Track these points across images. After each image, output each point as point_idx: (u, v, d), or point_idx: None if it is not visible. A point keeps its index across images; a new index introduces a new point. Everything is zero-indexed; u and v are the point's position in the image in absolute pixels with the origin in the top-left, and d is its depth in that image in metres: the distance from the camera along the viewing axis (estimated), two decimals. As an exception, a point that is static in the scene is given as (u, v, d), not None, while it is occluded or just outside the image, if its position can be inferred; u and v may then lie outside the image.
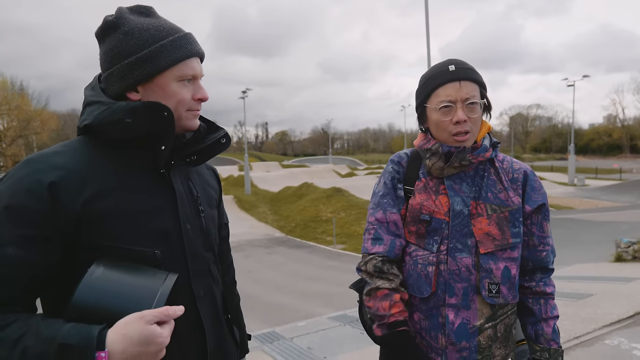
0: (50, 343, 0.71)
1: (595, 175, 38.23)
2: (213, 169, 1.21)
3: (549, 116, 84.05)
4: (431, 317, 1.27)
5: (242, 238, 15.62)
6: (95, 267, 0.79)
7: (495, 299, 1.24)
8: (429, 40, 12.81)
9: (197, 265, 0.98)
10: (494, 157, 1.31)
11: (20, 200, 0.79)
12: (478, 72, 1.28)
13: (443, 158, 1.27)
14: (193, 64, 0.95)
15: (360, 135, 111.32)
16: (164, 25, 0.93)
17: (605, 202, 21.87)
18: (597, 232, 12.23)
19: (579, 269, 7.00)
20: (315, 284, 9.36)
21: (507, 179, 1.30)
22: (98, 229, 0.83)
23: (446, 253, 1.25)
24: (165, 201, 0.93)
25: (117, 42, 0.89)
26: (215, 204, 1.15)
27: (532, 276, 1.33)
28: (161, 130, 0.89)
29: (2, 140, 31.96)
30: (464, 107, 1.22)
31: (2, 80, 32.03)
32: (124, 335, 0.73)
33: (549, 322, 1.31)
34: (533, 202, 1.30)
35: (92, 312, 0.74)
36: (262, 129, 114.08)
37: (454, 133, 1.24)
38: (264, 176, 34.42)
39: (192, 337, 0.96)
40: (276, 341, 4.04)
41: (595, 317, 3.99)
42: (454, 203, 1.26)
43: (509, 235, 1.25)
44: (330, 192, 20.19)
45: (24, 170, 0.82)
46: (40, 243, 0.79)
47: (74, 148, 0.88)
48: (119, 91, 0.91)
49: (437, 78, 1.25)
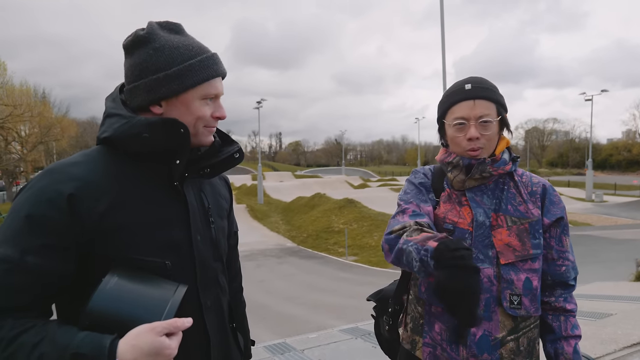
0: (64, 351, 0.74)
1: (614, 192, 37.36)
2: (225, 178, 1.24)
3: (566, 130, 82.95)
4: (452, 329, 1.26)
5: (254, 247, 15.65)
6: (109, 277, 0.81)
7: (517, 310, 1.23)
8: (444, 56, 12.83)
9: (206, 276, 1.01)
10: (513, 171, 1.33)
11: (41, 210, 0.81)
12: (496, 91, 1.30)
13: (464, 170, 1.30)
14: (217, 83, 0.98)
15: (373, 147, 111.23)
16: (192, 44, 0.96)
17: (625, 220, 21.32)
18: (616, 250, 11.92)
19: (598, 287, 6.82)
20: (327, 296, 9.29)
21: (526, 192, 1.32)
22: (112, 239, 0.86)
23: None
24: (178, 213, 0.96)
25: (147, 56, 0.92)
26: (226, 214, 1.17)
27: (552, 291, 1.32)
28: (177, 146, 0.92)
29: (23, 146, 32.85)
30: (477, 125, 1.26)
31: (26, 88, 33.04)
32: (134, 346, 0.75)
33: (570, 340, 1.29)
34: (552, 215, 1.31)
35: (106, 320, 0.77)
36: (275, 139, 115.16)
37: (468, 149, 1.28)
38: (277, 186, 34.56)
39: (198, 347, 0.98)
40: (287, 352, 4.01)
41: (616, 337, 3.86)
42: (477, 214, 1.28)
43: (529, 246, 1.26)
44: (343, 203, 20.15)
45: (44, 180, 0.85)
46: (58, 252, 0.82)
47: (92, 158, 0.91)
48: (143, 104, 0.94)
49: (453, 96, 1.30)
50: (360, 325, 4.85)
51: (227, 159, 1.05)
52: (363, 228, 17.02)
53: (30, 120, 31.35)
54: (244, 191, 30.87)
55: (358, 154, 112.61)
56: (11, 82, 31.25)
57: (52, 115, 35.98)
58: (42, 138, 33.15)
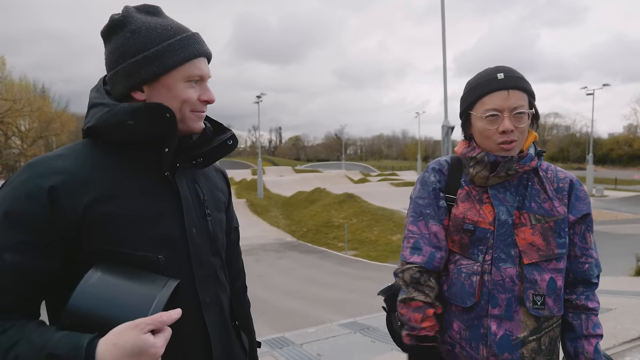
0: (39, 352, 0.70)
1: (614, 186, 37.32)
2: (222, 171, 1.18)
3: (567, 125, 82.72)
4: (472, 328, 1.24)
5: (253, 242, 15.67)
6: (92, 272, 0.76)
7: (540, 310, 1.21)
8: (445, 51, 12.76)
9: (203, 271, 0.95)
10: (538, 166, 1.29)
11: (20, 205, 0.77)
12: (527, 81, 1.25)
13: (488, 167, 1.25)
14: (200, 64, 0.92)
15: (373, 142, 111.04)
16: (171, 24, 0.91)
17: (625, 214, 21.30)
18: (617, 245, 11.91)
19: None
20: (326, 290, 9.31)
21: (552, 189, 1.27)
22: (100, 233, 0.82)
23: (490, 263, 1.23)
24: (170, 205, 0.91)
25: (124, 40, 0.87)
26: (224, 207, 1.12)
27: (574, 289, 1.29)
28: (164, 132, 0.87)
29: (23, 141, 32.83)
30: (511, 117, 1.20)
31: (26, 82, 32.98)
32: (115, 344, 0.70)
33: (591, 340, 1.26)
34: (577, 211, 1.27)
35: (86, 319, 0.72)
36: (275, 133, 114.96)
37: (500, 142, 1.22)
38: (277, 180, 34.56)
39: (197, 345, 0.93)
40: (286, 347, 4.01)
41: (615, 332, 3.86)
42: (499, 212, 1.24)
43: (554, 245, 1.22)
44: (343, 197, 20.15)
45: (24, 174, 0.81)
46: (39, 249, 0.78)
47: (77, 151, 0.87)
48: (123, 90, 0.89)
49: (484, 86, 1.23)
50: (359, 320, 4.85)
51: (219, 146, 0.99)
52: (363, 223, 17.02)
53: (30, 114, 31.30)
54: (244, 186, 30.86)
55: (358, 149, 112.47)
56: (10, 76, 31.22)
57: (52, 110, 35.91)
58: (41, 133, 33.12)
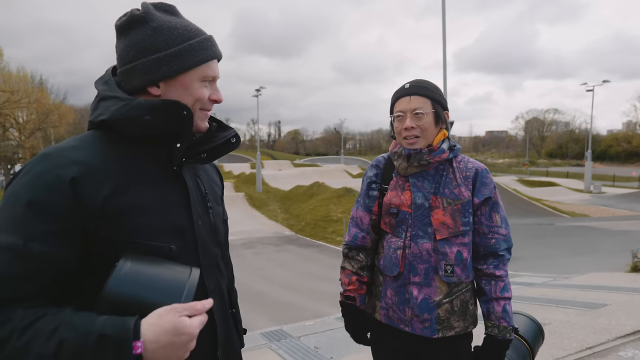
0: (87, 334, 0.72)
1: (612, 183, 37.41)
2: (215, 165, 1.23)
3: (566, 121, 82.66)
4: (399, 294, 1.51)
5: (252, 235, 15.71)
6: (123, 262, 0.80)
7: (450, 277, 1.47)
8: (445, 47, 12.72)
9: (208, 260, 1.01)
10: (452, 158, 1.53)
11: (42, 195, 0.79)
12: (432, 90, 1.52)
13: (405, 159, 1.52)
14: (214, 66, 0.97)
15: (372, 136, 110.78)
16: (190, 26, 0.95)
17: (622, 211, 21.39)
18: (613, 241, 11.97)
19: (593, 278, 6.86)
20: (324, 284, 9.36)
21: (461, 177, 1.52)
22: (117, 224, 0.84)
23: (410, 239, 1.49)
24: (179, 197, 0.95)
25: (145, 36, 0.90)
26: (220, 200, 1.17)
27: (485, 260, 1.53)
28: (178, 128, 0.90)
29: (21, 133, 32.68)
30: (412, 117, 1.48)
31: (23, 74, 32.73)
32: (157, 325, 0.75)
33: (500, 301, 1.50)
34: (481, 195, 1.51)
35: (125, 303, 0.77)
36: (274, 127, 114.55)
37: (404, 136, 1.51)
38: (276, 174, 34.54)
39: (205, 330, 0.97)
40: (283, 339, 4.05)
41: (609, 328, 3.90)
42: (416, 197, 1.50)
43: (460, 224, 1.48)
44: (341, 192, 20.17)
45: (42, 164, 0.82)
46: (63, 238, 0.80)
47: (90, 143, 0.89)
48: (140, 85, 0.91)
49: (396, 94, 1.55)
50: (357, 313, 4.88)
51: (224, 144, 1.04)
52: (361, 217, 17.03)
53: (28, 106, 31.13)
54: (243, 179, 30.84)
55: (357, 143, 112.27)
56: (8, 68, 30.98)
57: (50, 102, 35.69)
58: (39, 124, 32.95)
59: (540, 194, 27.69)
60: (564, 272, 8.01)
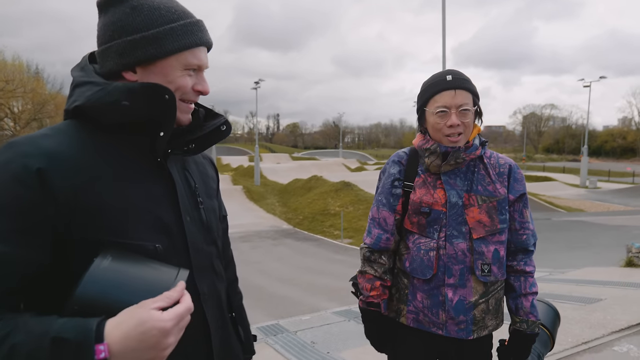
0: (42, 338, 0.64)
1: (607, 178, 37.57)
2: (210, 158, 1.14)
3: (563, 117, 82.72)
4: (432, 296, 1.45)
5: (249, 229, 15.70)
6: (101, 259, 0.72)
7: (487, 277, 1.43)
8: (444, 43, 12.67)
9: (200, 261, 0.92)
10: (482, 154, 1.49)
11: (6, 187, 0.71)
12: (472, 83, 1.44)
13: (440, 157, 1.44)
14: (200, 53, 0.88)
15: (371, 130, 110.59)
16: (175, 7, 0.86)
17: (617, 206, 21.51)
18: (608, 236, 12.03)
19: (589, 272, 6.90)
20: (321, 278, 9.38)
21: (495, 173, 1.48)
22: (93, 221, 0.76)
23: (444, 239, 1.43)
24: (164, 191, 0.87)
25: (122, 15, 0.82)
26: (215, 194, 1.07)
27: (515, 257, 1.50)
28: (160, 115, 0.82)
29: (16, 123, 32.40)
30: (457, 113, 1.39)
31: (19, 63, 32.39)
32: (121, 323, 0.66)
33: (528, 297, 1.48)
34: (516, 191, 1.48)
35: (96, 305, 0.68)
36: (273, 120, 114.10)
37: (447, 134, 1.42)
38: (274, 168, 34.47)
39: (197, 337, 0.91)
40: (280, 334, 4.05)
41: (605, 322, 3.93)
42: (450, 196, 1.44)
43: (497, 221, 1.43)
44: (339, 186, 20.16)
45: (7, 154, 0.74)
46: (27, 237, 0.71)
47: (63, 132, 0.80)
48: (115, 68, 0.84)
49: (435, 86, 1.43)
50: (353, 308, 4.89)
51: (213, 132, 0.96)
52: (359, 211, 17.06)
53: (23, 96, 30.84)
54: (241, 172, 30.76)
55: (356, 137, 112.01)
56: (3, 56, 30.65)
57: (46, 92, 35.37)
58: (35, 115, 32.66)
59: (537, 188, 27.78)
60: (560, 267, 8.06)
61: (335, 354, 3.48)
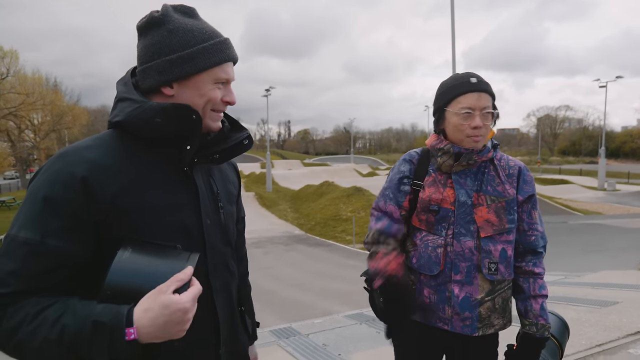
0: (85, 320, 0.77)
1: (627, 180, 36.71)
2: (233, 164, 1.25)
3: (579, 118, 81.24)
4: (439, 292, 1.47)
5: (262, 235, 15.79)
6: (123, 251, 0.84)
7: (494, 275, 1.45)
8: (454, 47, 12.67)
9: (215, 259, 1.02)
10: (493, 156, 1.52)
11: (57, 192, 0.83)
12: (492, 87, 1.48)
13: (453, 157, 1.47)
14: (228, 68, 0.99)
15: (382, 135, 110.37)
16: (206, 28, 0.97)
17: (637, 209, 20.98)
18: (627, 239, 11.77)
19: (606, 275, 6.77)
20: (333, 282, 9.38)
21: (504, 174, 1.50)
22: (125, 221, 0.88)
23: (452, 237, 1.46)
24: (188, 197, 0.98)
25: (161, 38, 0.93)
26: (235, 199, 1.19)
27: (523, 258, 1.51)
28: (188, 131, 0.93)
29: (36, 134, 33.31)
30: (481, 115, 1.42)
31: (38, 76, 33.36)
32: (147, 309, 0.77)
33: (537, 299, 1.48)
34: (524, 192, 1.50)
35: (124, 291, 0.80)
36: (284, 127, 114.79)
37: (470, 135, 1.43)
38: (286, 174, 34.63)
39: (207, 327, 1.01)
40: (292, 337, 4.09)
41: (620, 325, 3.87)
42: (459, 195, 1.47)
43: (505, 221, 1.45)
44: (351, 191, 20.15)
45: (58, 163, 0.86)
46: (77, 233, 0.84)
47: (104, 142, 0.92)
48: (154, 85, 0.94)
49: (459, 87, 1.44)
50: (365, 311, 4.90)
51: (236, 145, 1.06)
52: (371, 216, 17.00)
53: (43, 108, 31.71)
54: (253, 179, 31.00)
55: (367, 142, 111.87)
56: (24, 70, 31.60)
57: (64, 104, 36.35)
58: (54, 126, 33.56)
59: (553, 192, 27.32)
60: (576, 270, 7.92)
61: (347, 357, 3.50)
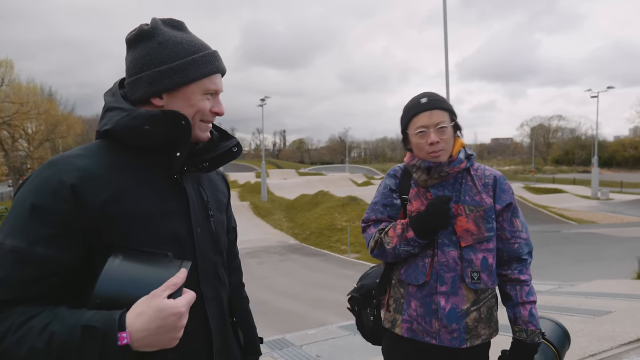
0: (75, 327, 0.75)
1: (620, 189, 37.03)
2: (222, 174, 1.25)
3: (572, 128, 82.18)
4: (425, 305, 1.49)
5: (256, 244, 15.72)
6: (113, 259, 0.83)
7: (477, 284, 1.47)
8: (447, 59, 12.82)
9: (206, 268, 1.02)
10: (469, 166, 1.55)
11: (46, 199, 0.82)
12: (446, 102, 1.54)
13: (425, 172, 1.52)
14: (217, 80, 1.01)
15: (377, 145, 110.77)
16: (195, 40, 0.99)
17: (631, 217, 21.16)
18: (621, 248, 11.83)
19: (599, 285, 6.79)
20: (328, 292, 9.33)
21: (481, 184, 1.54)
22: (114, 229, 0.87)
23: (437, 247, 1.49)
24: (178, 205, 0.97)
25: (151, 50, 0.94)
26: (224, 208, 1.19)
27: (509, 266, 1.54)
28: (177, 138, 0.93)
29: (30, 143, 33.11)
30: (435, 131, 1.48)
31: (33, 86, 33.29)
32: (140, 313, 0.77)
33: (526, 306, 1.51)
34: (502, 201, 1.54)
35: (114, 299, 0.79)
36: (279, 136, 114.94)
37: (430, 152, 1.49)
38: (281, 183, 34.60)
39: (200, 337, 1.00)
40: (285, 348, 4.06)
41: (614, 335, 3.86)
42: None
43: (484, 230, 1.49)
44: (346, 200, 20.15)
45: (48, 170, 0.86)
46: (65, 241, 0.83)
47: (94, 151, 0.92)
48: (144, 96, 0.95)
49: (412, 109, 1.53)
50: (359, 322, 4.87)
51: (225, 153, 1.07)
52: (366, 225, 16.99)
53: (37, 117, 31.62)
54: (248, 188, 30.93)
55: (362, 152, 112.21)
56: (18, 80, 31.54)
57: (58, 113, 36.21)
58: (48, 135, 33.40)
59: (546, 201, 27.49)
60: (570, 280, 7.94)
61: (340, 368, 3.47)
